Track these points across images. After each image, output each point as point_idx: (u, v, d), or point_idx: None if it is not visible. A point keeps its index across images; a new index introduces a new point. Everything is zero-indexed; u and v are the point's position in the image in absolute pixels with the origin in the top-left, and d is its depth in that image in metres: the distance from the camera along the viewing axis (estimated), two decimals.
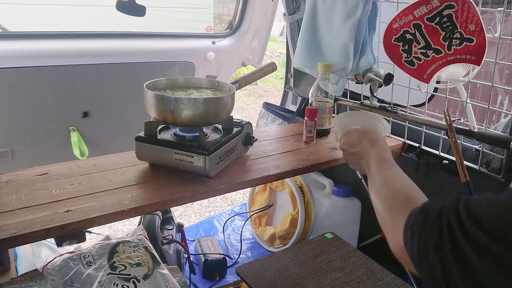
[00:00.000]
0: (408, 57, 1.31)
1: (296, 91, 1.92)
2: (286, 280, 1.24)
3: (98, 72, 1.82)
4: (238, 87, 1.28)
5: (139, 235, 1.07)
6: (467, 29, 1.16)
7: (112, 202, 0.97)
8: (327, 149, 1.42)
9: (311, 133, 1.40)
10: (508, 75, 2.15)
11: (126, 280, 0.92)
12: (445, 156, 1.43)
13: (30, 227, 0.86)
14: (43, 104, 1.74)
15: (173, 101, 1.07)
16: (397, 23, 1.28)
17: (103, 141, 1.95)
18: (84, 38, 1.82)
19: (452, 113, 2.09)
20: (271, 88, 6.60)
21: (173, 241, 1.63)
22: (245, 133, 1.26)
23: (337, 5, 1.40)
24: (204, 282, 1.72)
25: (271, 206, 1.97)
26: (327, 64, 1.41)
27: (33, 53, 1.68)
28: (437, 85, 1.40)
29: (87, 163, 1.19)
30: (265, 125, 2.01)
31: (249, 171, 1.20)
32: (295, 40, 1.68)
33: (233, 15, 2.16)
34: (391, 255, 0.68)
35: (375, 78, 1.41)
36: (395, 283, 1.25)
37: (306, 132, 1.42)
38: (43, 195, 0.99)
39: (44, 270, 0.91)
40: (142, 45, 1.95)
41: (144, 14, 1.63)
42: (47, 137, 1.82)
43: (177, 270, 1.12)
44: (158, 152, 1.13)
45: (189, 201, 1.06)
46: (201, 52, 2.04)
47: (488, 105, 1.25)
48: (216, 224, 2.22)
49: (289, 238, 1.85)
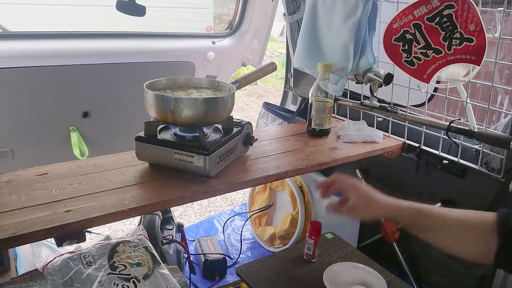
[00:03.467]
0: (408, 57, 1.31)
1: (296, 91, 1.92)
2: (286, 280, 1.24)
3: (98, 72, 1.81)
4: (238, 87, 1.28)
5: (139, 235, 1.07)
6: (467, 29, 1.16)
7: (112, 202, 0.97)
8: (327, 149, 1.42)
9: (310, 251, 1.34)
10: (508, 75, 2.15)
11: (126, 280, 0.92)
12: (445, 156, 1.43)
13: (30, 227, 0.86)
14: (43, 104, 1.74)
15: (173, 101, 1.07)
16: (397, 23, 1.28)
17: (103, 141, 1.95)
18: (84, 38, 1.82)
19: (452, 113, 2.10)
20: (271, 88, 6.60)
21: (173, 241, 1.63)
22: (245, 133, 1.26)
23: (337, 5, 1.40)
24: (204, 282, 1.72)
25: (271, 206, 1.97)
26: (326, 64, 1.41)
27: (33, 53, 1.67)
28: (437, 85, 1.40)
29: (87, 163, 1.19)
30: (265, 125, 2.01)
31: (249, 171, 1.20)
32: (295, 40, 1.68)
33: (233, 15, 2.15)
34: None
35: (375, 78, 1.41)
36: (395, 283, 1.25)
37: (305, 249, 1.35)
38: (43, 195, 0.99)
39: (44, 270, 0.91)
40: (142, 45, 1.94)
41: (144, 14, 1.63)
42: (47, 137, 1.82)
43: (177, 270, 1.12)
44: (158, 152, 1.13)
45: (189, 201, 1.06)
46: (201, 52, 2.03)
47: (488, 105, 1.25)
48: (216, 224, 2.22)
49: (289, 238, 1.85)
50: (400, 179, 1.68)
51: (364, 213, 0.95)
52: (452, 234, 0.86)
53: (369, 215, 0.95)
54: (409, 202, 0.92)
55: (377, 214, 0.94)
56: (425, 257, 1.63)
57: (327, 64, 1.40)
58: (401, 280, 1.28)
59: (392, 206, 0.92)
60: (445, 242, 0.87)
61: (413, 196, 1.63)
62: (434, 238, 0.88)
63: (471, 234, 0.84)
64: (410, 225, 0.91)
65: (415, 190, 1.62)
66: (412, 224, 0.91)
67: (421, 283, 1.64)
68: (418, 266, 1.64)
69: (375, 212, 0.94)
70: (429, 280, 1.62)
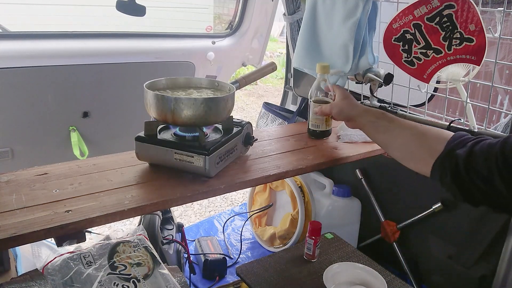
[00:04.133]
0: (408, 57, 1.31)
1: (296, 91, 1.92)
2: (286, 280, 1.24)
3: (98, 72, 1.81)
4: (238, 87, 1.28)
5: (139, 235, 1.07)
6: (467, 29, 1.16)
7: (112, 202, 0.97)
8: (327, 149, 1.42)
9: (310, 251, 1.34)
10: (508, 75, 2.15)
11: (126, 280, 0.92)
12: None
13: (30, 227, 0.86)
14: (43, 104, 1.74)
15: (173, 101, 1.07)
16: (397, 23, 1.28)
17: (103, 141, 1.95)
18: (84, 38, 1.82)
19: (452, 113, 2.10)
20: (271, 88, 6.60)
21: (173, 241, 1.63)
22: (245, 133, 1.26)
23: (337, 5, 1.39)
24: (204, 282, 1.72)
25: (271, 206, 1.97)
26: (325, 65, 1.38)
27: (33, 53, 1.67)
28: (437, 85, 1.40)
29: (87, 163, 1.19)
30: (265, 125, 2.01)
31: (249, 171, 1.20)
32: (295, 40, 1.68)
33: (233, 15, 2.16)
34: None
35: (375, 78, 1.40)
36: (395, 283, 1.25)
37: (305, 249, 1.36)
38: (43, 195, 0.99)
39: (44, 270, 0.91)
40: (142, 45, 1.94)
41: (144, 14, 1.63)
42: (47, 137, 1.82)
43: (177, 270, 1.12)
44: (158, 152, 1.13)
45: (189, 201, 1.06)
46: (201, 52, 2.03)
47: (488, 105, 1.25)
48: (216, 224, 2.22)
49: (289, 238, 1.85)
50: (400, 179, 1.68)
51: (343, 109, 1.16)
52: (402, 137, 0.97)
53: (346, 112, 1.15)
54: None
55: (353, 111, 1.13)
56: (425, 257, 1.63)
57: (325, 65, 1.39)
58: (401, 280, 1.28)
59: (361, 106, 1.13)
60: (395, 143, 1.00)
61: (413, 196, 1.64)
62: (386, 140, 1.02)
63: (421, 140, 0.92)
64: (370, 124, 1.07)
65: (415, 190, 1.62)
66: (371, 123, 1.06)
67: (421, 283, 1.64)
68: (418, 266, 1.64)
69: (351, 110, 1.13)
70: (429, 280, 1.62)
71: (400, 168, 1.55)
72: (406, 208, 1.68)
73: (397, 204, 1.73)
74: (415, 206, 1.57)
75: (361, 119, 1.10)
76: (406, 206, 1.69)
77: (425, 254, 1.63)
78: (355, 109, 1.13)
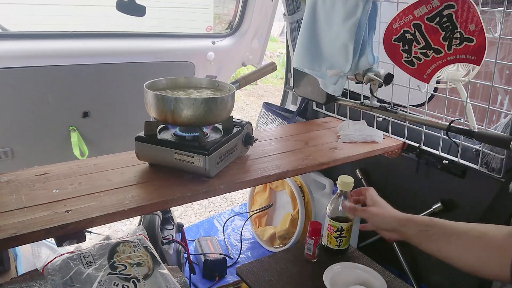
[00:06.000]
0: (408, 57, 1.31)
1: (296, 91, 1.92)
2: (286, 281, 1.24)
3: (98, 72, 1.81)
4: (238, 87, 1.28)
5: (139, 235, 1.07)
6: (467, 29, 1.16)
7: (112, 202, 0.97)
8: (327, 149, 1.42)
9: (310, 251, 1.30)
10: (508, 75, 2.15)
11: (126, 280, 0.92)
12: (445, 156, 1.43)
13: (30, 227, 0.86)
14: (43, 104, 1.74)
15: (173, 101, 1.07)
16: (397, 23, 1.28)
17: (103, 141, 1.95)
18: (84, 38, 1.82)
19: (452, 113, 2.10)
20: (271, 88, 6.60)
21: (173, 241, 1.63)
22: (245, 133, 1.26)
23: (337, 5, 1.39)
24: (204, 282, 1.72)
25: (271, 206, 1.97)
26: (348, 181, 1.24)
27: (33, 53, 1.67)
28: (437, 85, 1.40)
29: (87, 163, 1.19)
30: (265, 125, 2.01)
31: (249, 171, 1.20)
32: (295, 40, 1.68)
33: (233, 15, 2.15)
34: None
35: (375, 78, 1.40)
36: (395, 283, 1.25)
37: (305, 249, 1.32)
38: (43, 195, 0.99)
39: (44, 270, 0.91)
40: (142, 45, 1.94)
41: (144, 14, 1.63)
42: (47, 137, 1.82)
43: (177, 270, 1.12)
44: (158, 152, 1.13)
45: (189, 201, 1.06)
46: (201, 52, 2.03)
47: (488, 105, 1.25)
48: (216, 224, 2.22)
49: (289, 238, 1.85)
50: (400, 179, 1.68)
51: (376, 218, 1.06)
52: (463, 242, 0.86)
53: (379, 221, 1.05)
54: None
55: (389, 221, 1.02)
56: (425, 257, 1.63)
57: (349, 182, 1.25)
58: (401, 280, 1.28)
59: (404, 215, 1.01)
60: (455, 252, 0.88)
61: (413, 196, 1.64)
62: (445, 249, 0.90)
63: (484, 244, 0.82)
64: (420, 234, 0.95)
65: (415, 190, 1.62)
66: (422, 233, 0.95)
67: (421, 283, 1.64)
68: (418, 266, 1.64)
69: (386, 219, 1.03)
70: (429, 280, 1.62)
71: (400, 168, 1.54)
72: (406, 208, 1.67)
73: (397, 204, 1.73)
74: (415, 206, 1.57)
75: (408, 230, 0.99)
76: (406, 206, 1.69)
77: (425, 254, 1.62)
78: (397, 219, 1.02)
